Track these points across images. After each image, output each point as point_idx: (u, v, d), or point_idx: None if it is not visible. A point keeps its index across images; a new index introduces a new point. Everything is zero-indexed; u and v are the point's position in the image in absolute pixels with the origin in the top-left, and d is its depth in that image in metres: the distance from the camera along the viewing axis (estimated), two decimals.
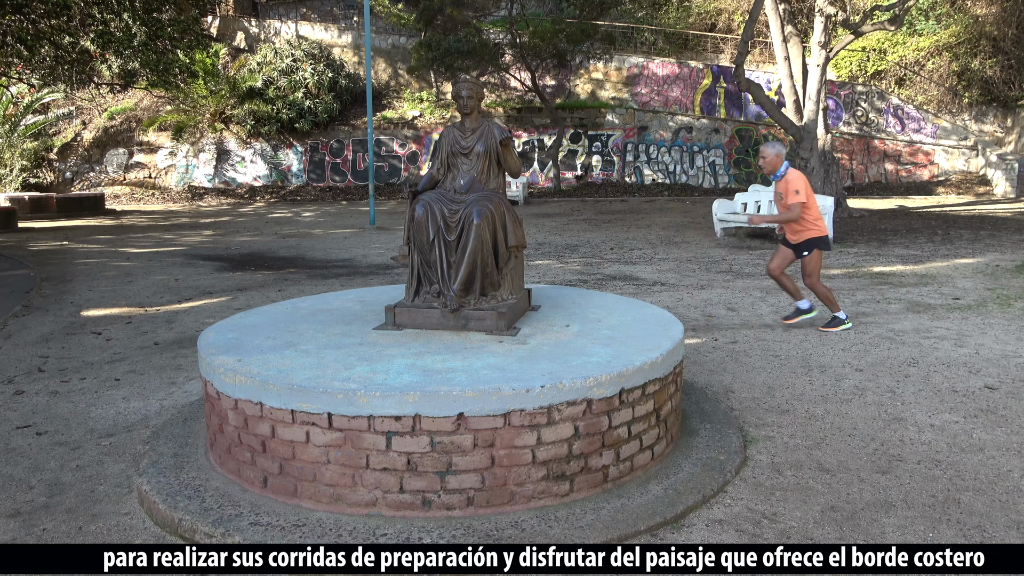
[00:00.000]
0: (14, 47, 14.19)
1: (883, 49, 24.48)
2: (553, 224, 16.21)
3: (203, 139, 24.57)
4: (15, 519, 3.41)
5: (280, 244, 13.57)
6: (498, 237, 4.27)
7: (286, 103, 23.77)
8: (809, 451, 4.07)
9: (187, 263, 11.36)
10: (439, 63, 21.67)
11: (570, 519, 3.23)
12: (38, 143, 23.80)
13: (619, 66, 25.60)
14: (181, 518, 3.24)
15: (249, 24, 27.21)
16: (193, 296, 8.76)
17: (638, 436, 3.62)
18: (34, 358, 6.18)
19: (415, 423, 3.20)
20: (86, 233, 15.74)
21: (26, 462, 4.06)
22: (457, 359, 3.64)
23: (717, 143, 24.45)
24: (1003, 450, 4.05)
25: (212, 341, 4.05)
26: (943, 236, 13.32)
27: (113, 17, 14.16)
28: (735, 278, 9.52)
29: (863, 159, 23.99)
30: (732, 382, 5.29)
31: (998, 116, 23.71)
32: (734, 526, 3.25)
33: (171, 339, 6.76)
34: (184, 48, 15.96)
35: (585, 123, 24.74)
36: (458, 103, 4.48)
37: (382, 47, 26.59)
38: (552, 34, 22.36)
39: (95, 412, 4.84)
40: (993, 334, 6.52)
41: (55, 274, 10.44)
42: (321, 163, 24.69)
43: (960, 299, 8.01)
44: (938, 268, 10.05)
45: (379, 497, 3.25)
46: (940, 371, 5.48)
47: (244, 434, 3.49)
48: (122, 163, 24.63)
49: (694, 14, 27.01)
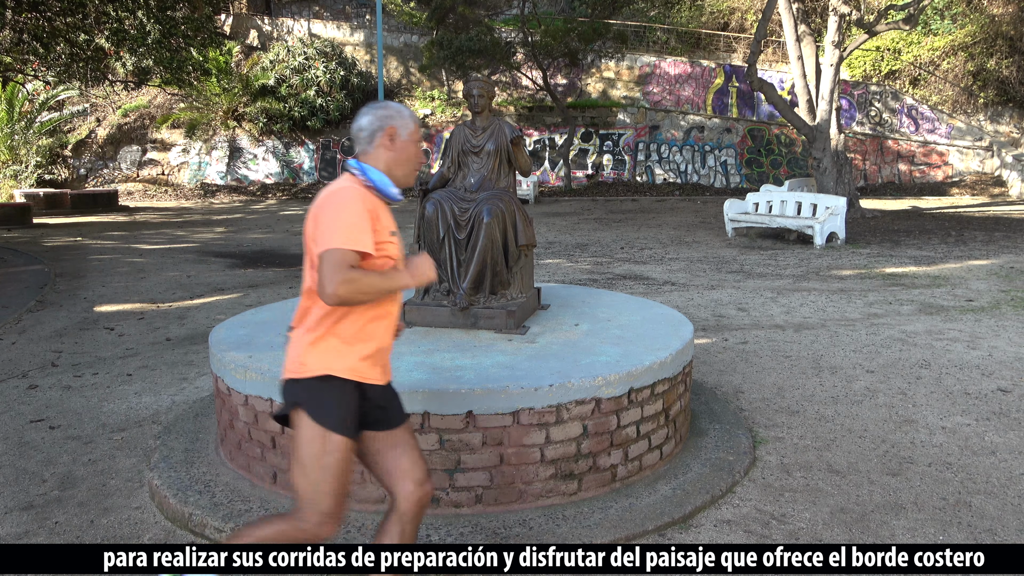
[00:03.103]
0: (30, 44, 14.32)
1: (897, 49, 24.30)
2: (563, 223, 16.20)
3: (216, 136, 24.70)
4: (28, 512, 3.45)
5: (291, 241, 13.63)
6: (508, 236, 4.27)
7: (298, 101, 23.85)
8: (819, 452, 4.05)
9: (199, 260, 11.43)
10: (451, 61, 21.67)
11: (578, 518, 3.23)
12: (53, 140, 23.99)
13: (631, 65, 25.53)
14: (191, 513, 3.27)
15: (262, 22, 27.32)
16: (205, 292, 8.81)
17: (647, 436, 3.62)
18: (48, 353, 6.23)
19: (424, 421, 3.21)
20: (100, 229, 15.86)
21: (39, 456, 4.10)
22: (466, 357, 3.64)
23: (729, 143, 24.35)
24: (1015, 453, 4.02)
25: (223, 337, 4.08)
26: (957, 237, 13.21)
27: (128, 15, 14.26)
28: (746, 278, 9.48)
29: (876, 159, 23.82)
30: (742, 382, 5.27)
31: (1014, 116, 23.49)
32: (742, 527, 3.24)
33: (183, 335, 6.81)
34: (197, 46, 16.05)
35: (596, 122, 24.70)
36: (469, 101, 4.49)
37: (394, 45, 26.63)
38: (564, 33, 22.32)
39: (107, 407, 4.88)
40: (1007, 336, 6.47)
41: (69, 270, 10.52)
42: (332, 161, 24.76)
43: (973, 301, 7.95)
44: (951, 269, 9.97)
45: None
46: (952, 373, 5.44)
47: (254, 430, 3.51)
48: (135, 160, 24.80)
49: (707, 13, 26.90)
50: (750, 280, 9.35)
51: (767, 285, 8.97)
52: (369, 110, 2.37)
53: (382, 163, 2.35)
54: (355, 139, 2.37)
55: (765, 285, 8.98)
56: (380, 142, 2.34)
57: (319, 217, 2.21)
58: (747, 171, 24.18)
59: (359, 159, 2.35)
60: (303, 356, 2.28)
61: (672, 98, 25.40)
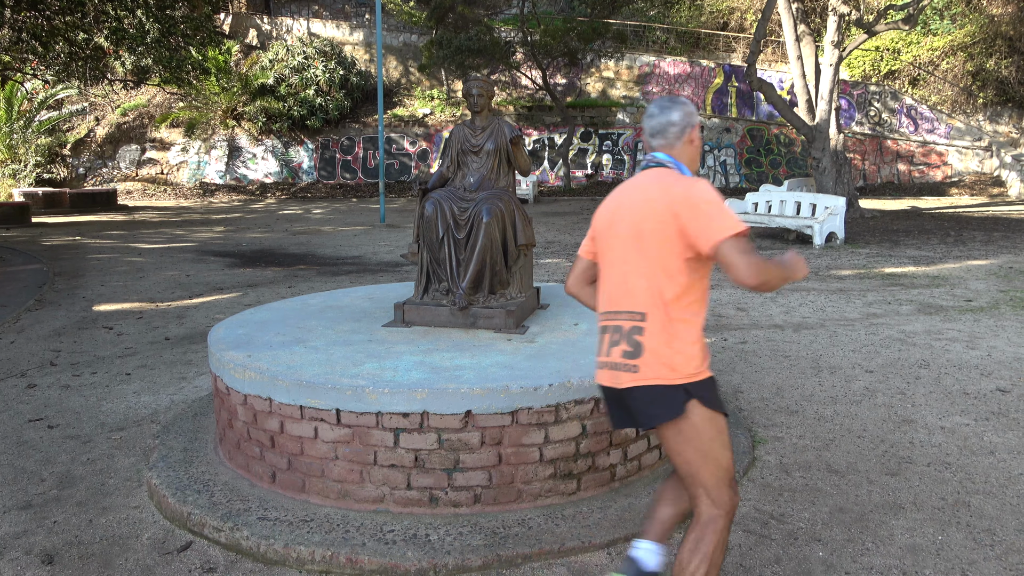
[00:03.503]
0: (29, 43, 14.32)
1: (897, 49, 24.31)
2: (563, 223, 16.20)
3: (215, 136, 24.68)
4: (27, 511, 3.45)
5: (290, 241, 13.62)
6: (507, 235, 4.27)
7: (297, 100, 23.85)
8: (818, 452, 4.05)
9: (198, 259, 11.43)
10: (450, 61, 21.67)
11: (577, 517, 3.23)
12: (52, 139, 23.98)
13: (630, 65, 25.53)
14: (190, 512, 3.27)
15: (261, 21, 27.31)
16: (204, 292, 8.81)
17: (646, 435, 3.62)
18: (46, 352, 6.23)
19: (423, 420, 3.20)
20: (98, 228, 15.85)
21: (38, 455, 4.10)
22: (466, 357, 3.64)
23: (728, 142, 24.36)
24: (1014, 453, 4.02)
25: (222, 337, 4.07)
26: (956, 237, 13.22)
27: (127, 14, 14.25)
28: None
29: (875, 159, 23.84)
30: (741, 382, 5.27)
31: (1013, 117, 23.50)
32: (742, 526, 3.24)
33: (181, 334, 6.80)
34: (197, 45, 16.04)
35: (596, 122, 24.70)
36: (469, 101, 4.48)
37: (393, 45, 26.62)
38: (563, 32, 22.33)
39: (106, 406, 4.88)
40: (1006, 336, 6.47)
41: (67, 269, 10.52)
42: (332, 160, 24.75)
43: (972, 301, 7.95)
44: (950, 269, 9.98)
45: (386, 493, 3.26)
46: (951, 373, 5.44)
47: (253, 429, 3.51)
48: (134, 159, 24.78)
49: (706, 13, 26.90)
50: None
51: None
52: (673, 106, 2.37)
53: (685, 158, 2.39)
54: (662, 133, 2.37)
55: None
56: (687, 138, 2.37)
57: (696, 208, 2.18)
58: (746, 171, 24.19)
59: (666, 152, 2.38)
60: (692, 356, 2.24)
61: None
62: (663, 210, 2.21)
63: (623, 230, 2.33)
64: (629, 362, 2.26)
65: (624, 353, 2.27)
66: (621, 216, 2.35)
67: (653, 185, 2.28)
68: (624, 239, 2.32)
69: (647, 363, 2.23)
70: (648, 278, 2.25)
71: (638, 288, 2.26)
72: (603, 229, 2.43)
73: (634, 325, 2.27)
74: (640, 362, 2.24)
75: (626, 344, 2.27)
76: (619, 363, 2.28)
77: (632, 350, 2.26)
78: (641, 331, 2.25)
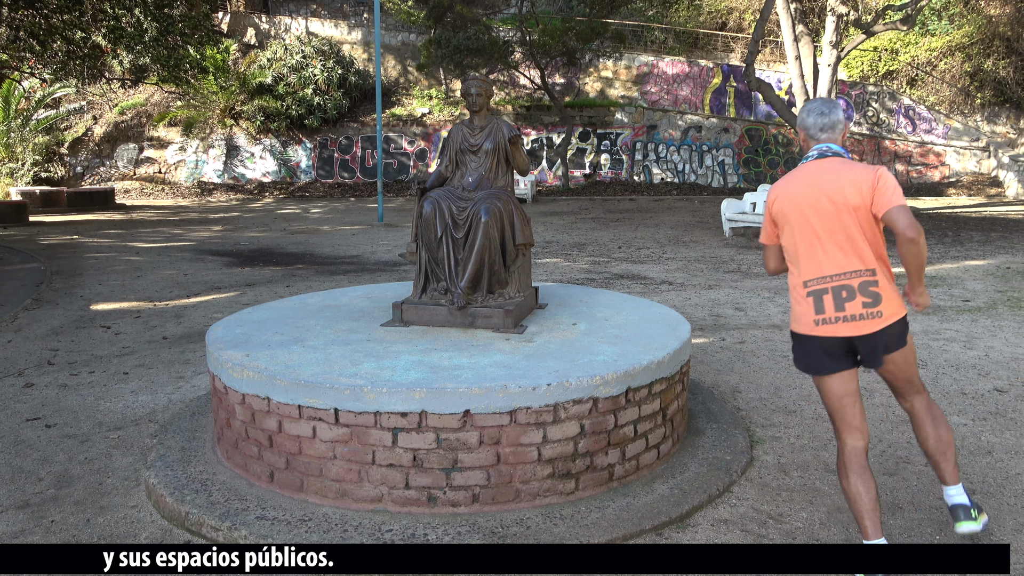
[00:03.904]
0: (27, 42, 14.29)
1: (895, 49, 24.34)
2: (561, 222, 16.20)
3: (213, 135, 24.65)
4: (24, 510, 3.44)
5: (288, 240, 13.61)
6: (506, 235, 4.27)
7: (296, 99, 23.82)
8: (816, 452, 4.05)
9: (196, 258, 11.41)
10: (448, 60, 21.67)
11: (575, 517, 3.23)
12: (49, 138, 23.94)
13: (629, 64, 25.54)
14: (188, 511, 3.26)
15: (259, 20, 27.29)
16: (201, 291, 8.80)
17: (644, 435, 3.62)
18: (44, 351, 6.22)
19: (421, 420, 3.20)
20: (96, 227, 15.82)
21: (35, 454, 4.09)
22: (464, 356, 3.64)
23: (726, 142, 24.37)
24: (1012, 453, 4.03)
25: (220, 336, 4.07)
26: (953, 238, 13.24)
27: (124, 12, 14.24)
28: (743, 278, 9.49)
29: (873, 159, 23.86)
30: (739, 382, 5.27)
31: (1011, 117, 23.54)
32: (739, 526, 3.25)
33: (179, 334, 6.79)
34: (195, 44, 16.03)
35: (594, 121, 24.70)
36: (467, 100, 4.48)
37: (392, 44, 26.61)
38: (562, 32, 22.33)
39: (104, 405, 4.87)
40: (1003, 336, 6.48)
41: (65, 268, 10.50)
42: (330, 159, 24.73)
43: (970, 301, 7.96)
44: (948, 270, 9.99)
45: (385, 493, 3.26)
46: (949, 373, 5.45)
47: (251, 429, 3.51)
48: (132, 158, 24.74)
49: (705, 13, 26.91)
50: (747, 280, 9.36)
51: (764, 285, 8.98)
52: (836, 107, 2.93)
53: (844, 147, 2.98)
54: (832, 128, 2.92)
55: (762, 285, 8.99)
56: (843, 132, 2.95)
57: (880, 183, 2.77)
58: (744, 171, 24.21)
59: (837, 144, 2.93)
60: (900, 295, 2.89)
61: (670, 98, 25.42)
62: (867, 187, 2.75)
63: (828, 207, 2.81)
64: (872, 310, 2.78)
65: (864, 304, 2.78)
66: (821, 196, 2.82)
67: (847, 169, 2.81)
68: (831, 215, 2.81)
69: (887, 307, 2.78)
70: (868, 241, 2.78)
71: (862, 250, 2.78)
72: (793, 212, 2.88)
73: (863, 280, 2.79)
74: (882, 308, 2.78)
75: (863, 296, 2.78)
76: (863, 313, 2.78)
77: (871, 300, 2.78)
78: (876, 283, 2.79)
